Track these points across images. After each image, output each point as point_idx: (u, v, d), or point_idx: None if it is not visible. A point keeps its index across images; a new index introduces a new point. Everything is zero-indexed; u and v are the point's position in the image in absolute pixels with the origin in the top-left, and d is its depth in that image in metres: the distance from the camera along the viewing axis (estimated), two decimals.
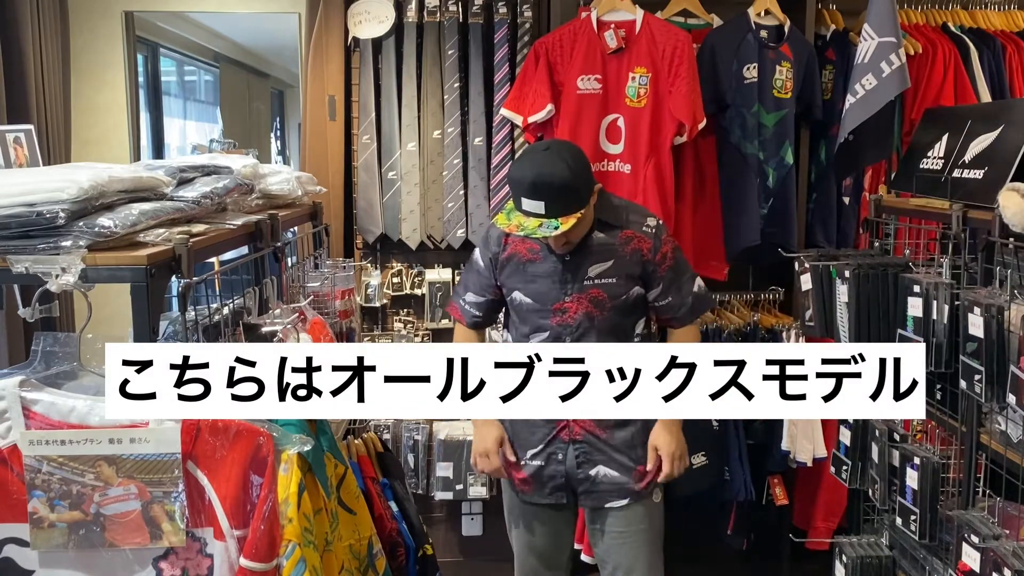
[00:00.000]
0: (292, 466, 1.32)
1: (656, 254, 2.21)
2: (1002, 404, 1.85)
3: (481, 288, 2.33)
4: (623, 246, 2.20)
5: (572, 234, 2.11)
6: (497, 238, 2.28)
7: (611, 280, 2.20)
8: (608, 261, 2.19)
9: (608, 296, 2.19)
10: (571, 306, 2.20)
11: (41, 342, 1.34)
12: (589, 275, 2.19)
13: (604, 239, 2.20)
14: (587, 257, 2.20)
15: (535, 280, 2.23)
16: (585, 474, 2.25)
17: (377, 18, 3.13)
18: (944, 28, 3.27)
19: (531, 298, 2.23)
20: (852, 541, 2.47)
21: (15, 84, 2.84)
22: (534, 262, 2.23)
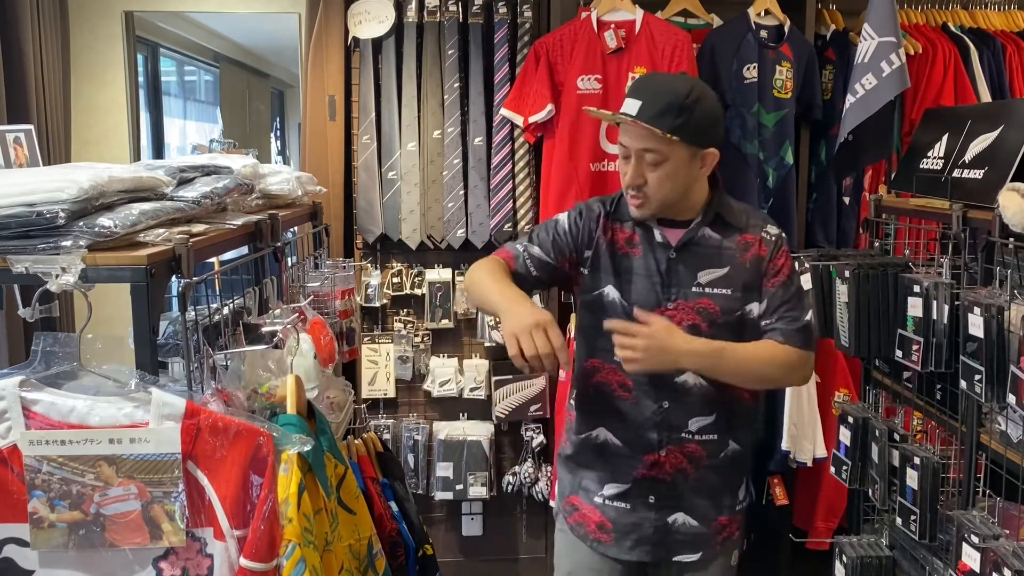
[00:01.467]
0: (292, 466, 1.32)
1: (770, 262, 1.87)
2: (1002, 404, 1.85)
3: (554, 247, 1.91)
4: (741, 252, 1.87)
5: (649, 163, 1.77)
6: (597, 216, 1.92)
7: (725, 291, 1.85)
8: (723, 268, 1.86)
9: (721, 310, 1.84)
10: (674, 315, 1.84)
11: (41, 342, 1.34)
12: (699, 281, 1.85)
13: (719, 241, 1.87)
14: (697, 259, 1.86)
15: (631, 279, 1.88)
16: (662, 520, 1.92)
17: (377, 18, 3.13)
18: (944, 28, 3.27)
19: (627, 298, 1.87)
20: (852, 541, 2.47)
21: (15, 84, 2.84)
22: (630, 256, 1.89)
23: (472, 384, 3.29)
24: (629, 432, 1.90)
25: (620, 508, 1.93)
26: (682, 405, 1.88)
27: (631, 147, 1.80)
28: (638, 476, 1.91)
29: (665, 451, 1.89)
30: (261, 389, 1.49)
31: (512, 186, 3.15)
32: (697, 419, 1.89)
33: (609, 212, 1.93)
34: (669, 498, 1.91)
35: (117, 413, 1.28)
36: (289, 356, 1.67)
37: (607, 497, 1.94)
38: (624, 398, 1.90)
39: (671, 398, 1.87)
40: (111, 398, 1.30)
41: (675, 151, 1.78)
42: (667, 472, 1.90)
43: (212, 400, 1.36)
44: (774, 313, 1.86)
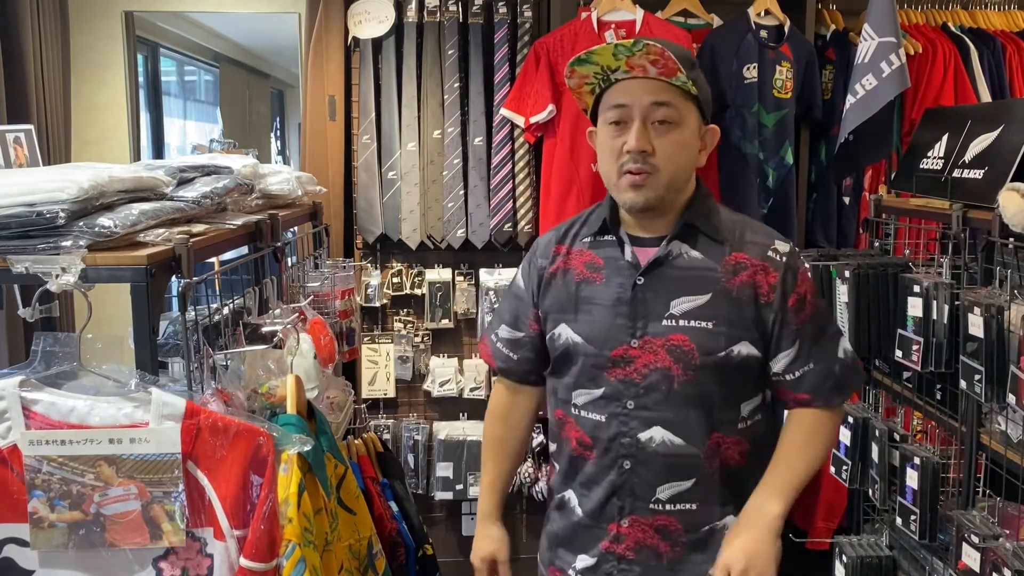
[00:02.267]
0: (292, 466, 1.33)
1: (787, 298, 1.49)
2: (1002, 404, 1.85)
3: (517, 318, 1.67)
4: (729, 275, 1.49)
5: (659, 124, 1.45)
6: (546, 246, 1.64)
7: (704, 324, 1.48)
8: (702, 295, 1.49)
9: (698, 349, 1.48)
10: (639, 355, 1.50)
11: (41, 342, 1.34)
12: (671, 311, 1.49)
13: (699, 261, 1.50)
14: (670, 283, 1.50)
15: (591, 310, 1.54)
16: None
17: (377, 18, 3.13)
18: (944, 28, 3.28)
19: (583, 337, 1.54)
20: (852, 541, 2.47)
21: (15, 84, 2.84)
22: (591, 283, 1.55)
23: (472, 384, 3.29)
24: (591, 497, 1.59)
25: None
26: (648, 468, 1.53)
27: (635, 104, 1.45)
28: (603, 549, 1.58)
29: (628, 521, 1.55)
30: (261, 389, 1.49)
31: (512, 186, 3.15)
32: (668, 486, 1.53)
33: (563, 235, 1.63)
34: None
35: (117, 413, 1.29)
36: (289, 356, 1.67)
37: (579, 571, 1.63)
38: (586, 457, 1.59)
39: (633, 459, 1.53)
40: (111, 398, 1.30)
41: (689, 112, 1.48)
42: (630, 548, 1.56)
43: (212, 400, 1.36)
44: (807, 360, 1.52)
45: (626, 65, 1.45)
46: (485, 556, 1.73)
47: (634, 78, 1.46)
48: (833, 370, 1.54)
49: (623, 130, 1.47)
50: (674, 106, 1.45)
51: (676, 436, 1.51)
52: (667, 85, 1.45)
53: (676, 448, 1.52)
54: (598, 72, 1.49)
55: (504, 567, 1.74)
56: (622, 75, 1.47)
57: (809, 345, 1.52)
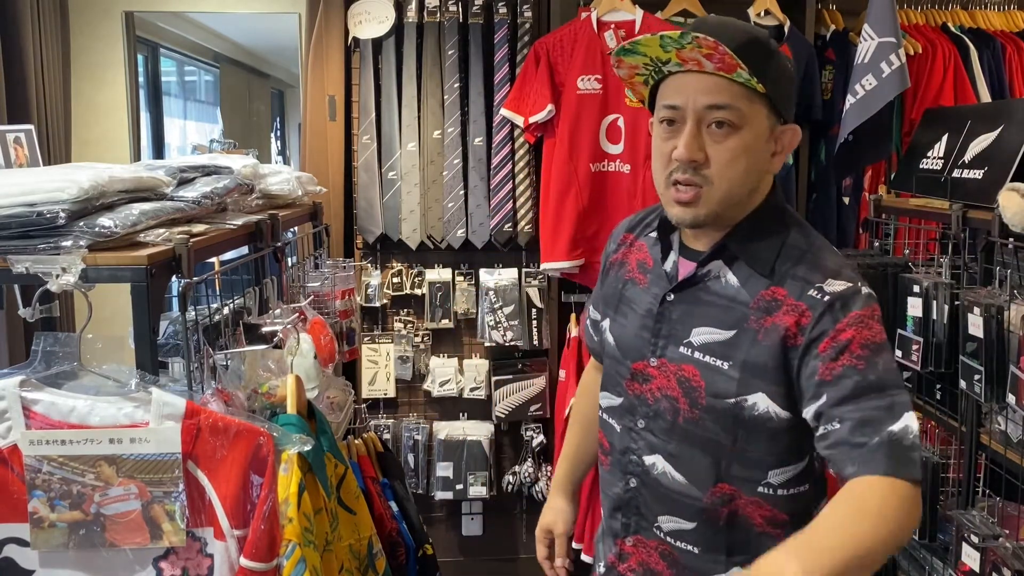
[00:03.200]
0: (292, 466, 1.33)
1: (818, 341, 1.22)
2: (1002, 404, 1.86)
3: (596, 299, 1.58)
4: (761, 314, 1.27)
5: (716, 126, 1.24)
6: (620, 230, 1.53)
7: (718, 362, 1.29)
8: (726, 330, 1.29)
9: (706, 387, 1.30)
10: (656, 375, 1.36)
11: (41, 342, 1.34)
12: (691, 338, 1.32)
13: (734, 289, 1.31)
14: (697, 307, 1.33)
15: (627, 312, 1.43)
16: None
17: (377, 18, 3.13)
18: (944, 28, 3.28)
19: (615, 338, 1.44)
20: None
21: (15, 84, 2.84)
22: (635, 284, 1.43)
23: (472, 384, 3.29)
24: (607, 504, 1.50)
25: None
26: (651, 493, 1.40)
27: (688, 105, 1.25)
28: (610, 560, 1.48)
29: (632, 540, 1.44)
30: (261, 389, 1.49)
31: (512, 186, 3.15)
32: (670, 518, 1.39)
33: (637, 223, 1.50)
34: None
35: (117, 413, 1.29)
36: (289, 356, 1.67)
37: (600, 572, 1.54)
38: (603, 463, 1.50)
39: (639, 479, 1.41)
40: (111, 398, 1.30)
41: (756, 113, 1.26)
42: (633, 569, 1.44)
43: (212, 400, 1.36)
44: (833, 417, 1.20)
45: (677, 58, 1.25)
46: (543, 526, 1.64)
47: (689, 71, 1.26)
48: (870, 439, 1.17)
49: (675, 132, 1.28)
50: (735, 108, 1.24)
51: (677, 472, 1.37)
52: (728, 82, 1.24)
53: (677, 484, 1.37)
54: (648, 63, 1.29)
55: (560, 540, 1.61)
56: (675, 67, 1.27)
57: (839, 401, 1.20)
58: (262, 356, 1.53)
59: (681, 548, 1.39)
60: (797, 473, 1.34)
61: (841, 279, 1.26)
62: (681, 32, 1.20)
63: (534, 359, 3.28)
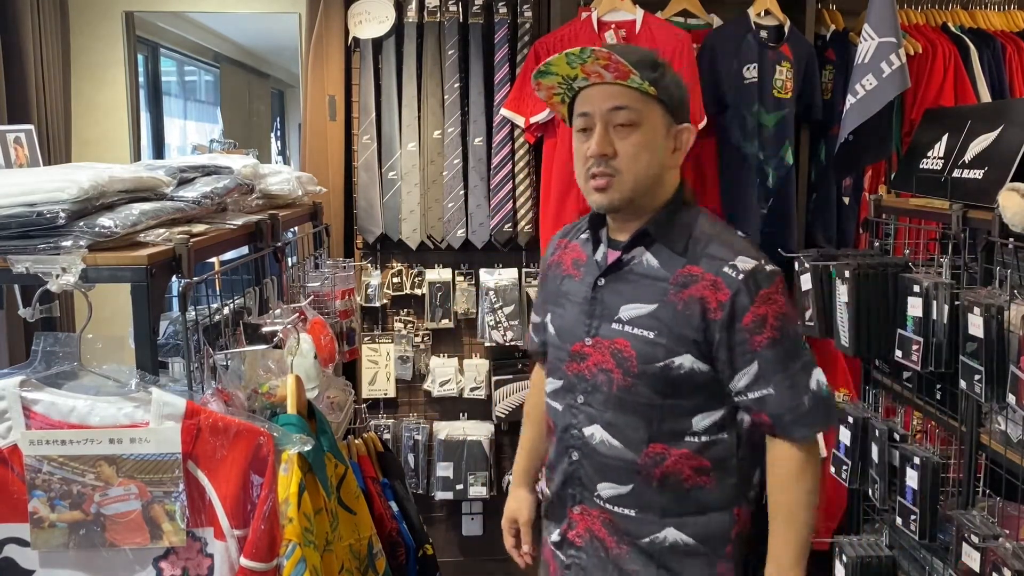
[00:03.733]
0: (292, 466, 1.33)
1: (738, 317, 1.45)
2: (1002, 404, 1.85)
3: (537, 306, 1.80)
4: (679, 288, 1.48)
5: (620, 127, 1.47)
6: (554, 240, 1.75)
7: (645, 332, 1.49)
8: (649, 303, 1.50)
9: (637, 356, 1.49)
10: (591, 353, 1.55)
11: (41, 342, 1.34)
12: (620, 316, 1.52)
13: (654, 269, 1.51)
14: (625, 287, 1.53)
15: (565, 304, 1.62)
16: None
17: (377, 18, 3.13)
18: (944, 28, 3.27)
19: (555, 328, 1.64)
20: (852, 541, 2.47)
21: (15, 84, 2.84)
22: (571, 279, 1.63)
23: (472, 384, 3.29)
24: (554, 480, 1.67)
25: (560, 558, 1.67)
26: (591, 463, 1.58)
27: (595, 111, 1.49)
28: (563, 530, 1.65)
29: (579, 509, 1.61)
30: (261, 389, 1.49)
31: (512, 186, 3.15)
32: (608, 484, 1.56)
33: (568, 231, 1.72)
34: (584, 571, 1.61)
35: (117, 413, 1.29)
36: (289, 356, 1.67)
37: (552, 542, 1.70)
38: (551, 442, 1.69)
39: (580, 451, 1.59)
40: (111, 398, 1.30)
41: (652, 112, 1.49)
42: (580, 535, 1.61)
43: (212, 400, 1.36)
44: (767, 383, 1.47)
45: (582, 73, 1.50)
46: (508, 516, 1.84)
47: (593, 84, 1.51)
48: (801, 401, 1.48)
49: (588, 136, 1.51)
50: (633, 108, 1.48)
51: (614, 438, 1.55)
52: (625, 88, 1.48)
53: (614, 450, 1.55)
54: (561, 82, 1.54)
55: (525, 529, 1.80)
56: (582, 83, 1.53)
57: (770, 369, 1.47)
58: (262, 356, 1.53)
59: (619, 513, 1.56)
60: (717, 420, 1.53)
61: (748, 257, 1.48)
62: (581, 48, 1.45)
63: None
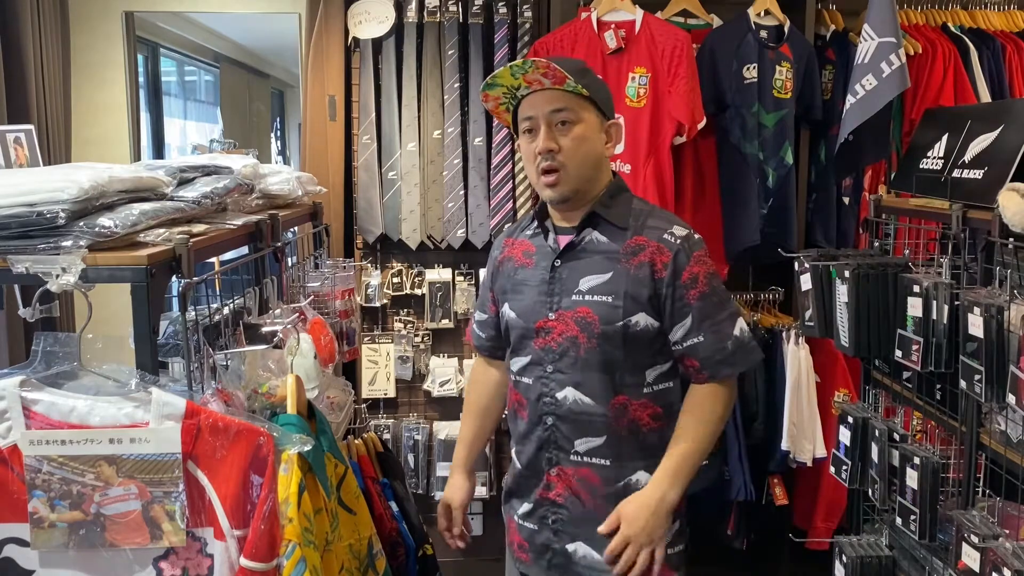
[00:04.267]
0: (292, 466, 1.33)
1: (678, 274, 1.72)
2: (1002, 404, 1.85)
3: (483, 303, 2.00)
4: (628, 256, 1.74)
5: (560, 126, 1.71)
6: (499, 241, 1.97)
7: (604, 298, 1.73)
8: (605, 273, 1.74)
9: (600, 319, 1.73)
10: (555, 326, 1.77)
11: (41, 342, 1.34)
12: (580, 288, 1.75)
13: (605, 244, 1.76)
14: (581, 264, 1.77)
15: (522, 290, 1.83)
16: (562, 547, 1.83)
17: (377, 18, 3.13)
18: (944, 28, 3.28)
19: (516, 312, 1.83)
20: (852, 541, 2.47)
21: (15, 84, 2.84)
22: (525, 268, 1.84)
23: None
24: (527, 451, 1.86)
25: (530, 528, 1.87)
26: (566, 423, 1.79)
27: (539, 113, 1.72)
28: (538, 496, 1.85)
29: (556, 471, 1.81)
30: (261, 389, 1.49)
31: (512, 186, 3.15)
32: (584, 440, 1.78)
33: (513, 231, 1.94)
34: (567, 524, 1.82)
35: (117, 413, 1.29)
36: (289, 356, 1.67)
37: (519, 515, 1.90)
38: (522, 417, 1.87)
39: (554, 415, 1.80)
40: (111, 398, 1.30)
41: (586, 111, 1.73)
42: (560, 494, 1.81)
43: (212, 400, 1.36)
44: (699, 332, 1.73)
45: (525, 82, 1.72)
46: (443, 501, 2.03)
47: (535, 91, 1.73)
48: (725, 345, 1.75)
49: (534, 137, 1.74)
50: (570, 109, 1.71)
51: (585, 396, 1.77)
52: (562, 92, 1.71)
53: (586, 407, 1.77)
54: (506, 92, 1.77)
55: (458, 512, 2.01)
56: (525, 91, 1.75)
57: (701, 319, 1.73)
58: (262, 356, 1.53)
59: (597, 464, 1.78)
60: (664, 371, 1.80)
61: (681, 226, 1.77)
62: (523, 60, 1.68)
63: None
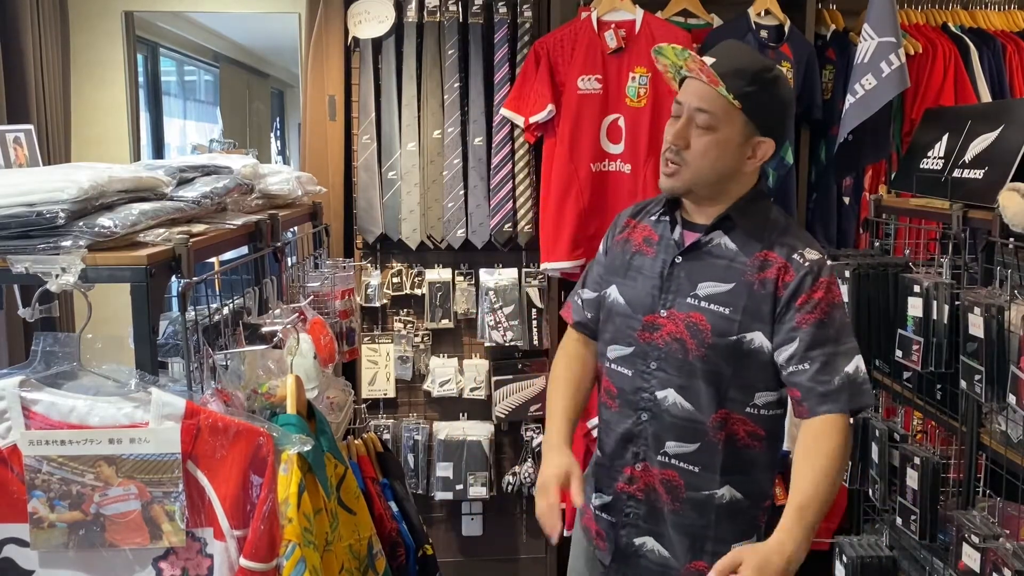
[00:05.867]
0: (292, 466, 1.32)
1: (797, 296, 1.61)
2: (1002, 404, 1.86)
3: (596, 281, 1.87)
4: (755, 270, 1.64)
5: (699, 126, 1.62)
6: (622, 217, 1.86)
7: (722, 309, 1.64)
8: (727, 283, 1.65)
9: (712, 329, 1.64)
10: (665, 323, 1.69)
11: (41, 342, 1.34)
12: (697, 292, 1.67)
13: (732, 252, 1.67)
14: (702, 267, 1.68)
15: (636, 278, 1.75)
16: (631, 540, 1.79)
17: (377, 18, 3.13)
18: (944, 28, 3.27)
19: (625, 299, 1.75)
20: (852, 541, 2.47)
21: (15, 84, 2.84)
22: (643, 255, 1.76)
23: (472, 384, 3.29)
24: (611, 442, 1.80)
25: (606, 520, 1.82)
26: (660, 423, 1.73)
27: (685, 104, 1.65)
28: (617, 489, 1.80)
29: (641, 466, 1.75)
30: (261, 389, 1.49)
31: (512, 186, 3.15)
32: (677, 443, 1.72)
33: (637, 211, 1.85)
34: (644, 519, 1.77)
35: (117, 413, 1.29)
36: (289, 356, 1.67)
37: (596, 507, 1.84)
38: (610, 406, 1.81)
39: (650, 412, 1.74)
40: (111, 398, 1.30)
41: (731, 121, 1.63)
42: (641, 489, 1.76)
43: (212, 400, 1.36)
44: (804, 359, 1.60)
45: (686, 66, 1.66)
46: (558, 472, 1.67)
47: (693, 79, 1.66)
48: (832, 379, 1.59)
49: (676, 122, 1.67)
50: (715, 114, 1.62)
51: (687, 401, 1.69)
52: (714, 93, 1.62)
53: (685, 412, 1.70)
54: (670, 66, 1.71)
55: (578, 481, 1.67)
56: (687, 73, 1.68)
57: (810, 346, 1.60)
58: (262, 356, 1.53)
59: (684, 468, 1.71)
60: (776, 398, 1.71)
61: (815, 250, 1.67)
62: (683, 48, 1.62)
63: (534, 359, 3.28)
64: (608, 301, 1.79)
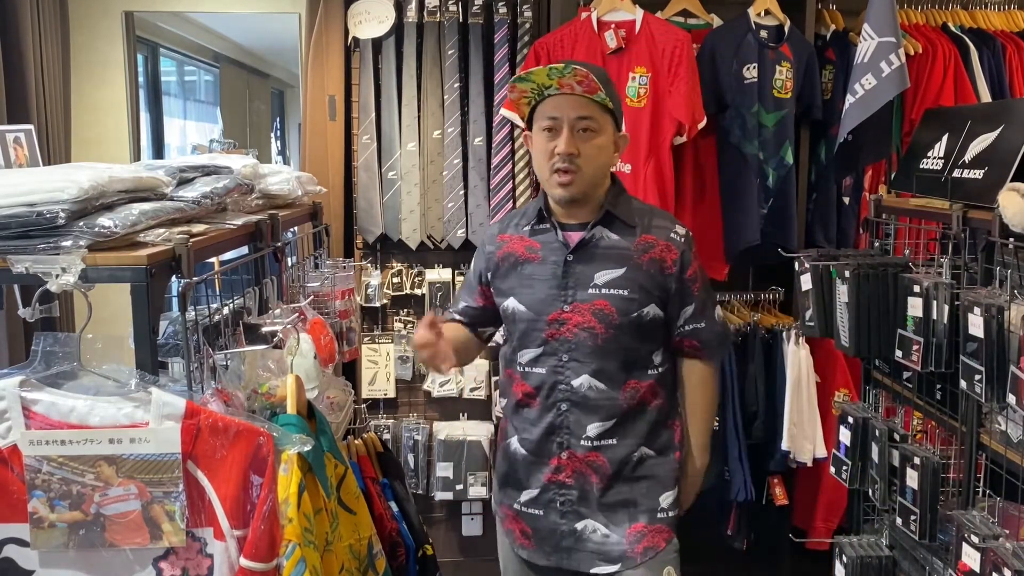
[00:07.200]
0: (292, 466, 1.33)
1: (685, 269, 1.89)
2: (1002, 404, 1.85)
3: (471, 293, 2.07)
4: (640, 253, 1.87)
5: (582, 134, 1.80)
6: (492, 236, 2.01)
7: (622, 292, 1.85)
8: (619, 268, 1.86)
9: (617, 311, 1.85)
10: (570, 317, 1.87)
11: (41, 342, 1.34)
12: (595, 282, 1.86)
13: (617, 241, 1.87)
14: (594, 260, 1.87)
15: (532, 284, 1.90)
16: (571, 527, 1.93)
17: (377, 18, 3.13)
18: (944, 28, 3.27)
19: (526, 305, 1.90)
20: (852, 541, 2.47)
21: (15, 84, 2.84)
22: (531, 262, 1.91)
23: (472, 384, 3.29)
24: (534, 439, 1.93)
25: (534, 514, 1.95)
26: (579, 410, 1.90)
27: (564, 116, 1.81)
28: (545, 481, 1.93)
29: (567, 454, 1.91)
30: (261, 389, 1.49)
31: (512, 186, 3.15)
32: (595, 425, 1.90)
33: (505, 227, 2.00)
34: (577, 503, 1.92)
35: (117, 413, 1.29)
36: (289, 356, 1.67)
37: (522, 503, 1.97)
38: (531, 405, 1.94)
39: (569, 402, 1.90)
40: (111, 398, 1.30)
41: (606, 122, 1.85)
42: (570, 476, 1.91)
43: (212, 400, 1.36)
44: (700, 319, 1.94)
45: (557, 84, 1.80)
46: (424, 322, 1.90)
47: (563, 94, 1.81)
48: (716, 330, 1.97)
49: (554, 137, 1.82)
50: (595, 118, 1.82)
51: (600, 382, 1.88)
52: (589, 101, 1.80)
53: (600, 392, 1.89)
54: (534, 88, 1.84)
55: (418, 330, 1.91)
56: (554, 91, 1.82)
57: (702, 307, 1.94)
58: (262, 356, 1.53)
59: (606, 445, 1.90)
60: (665, 353, 1.96)
61: (679, 225, 1.94)
62: (565, 64, 1.75)
63: None
64: (509, 312, 1.94)
